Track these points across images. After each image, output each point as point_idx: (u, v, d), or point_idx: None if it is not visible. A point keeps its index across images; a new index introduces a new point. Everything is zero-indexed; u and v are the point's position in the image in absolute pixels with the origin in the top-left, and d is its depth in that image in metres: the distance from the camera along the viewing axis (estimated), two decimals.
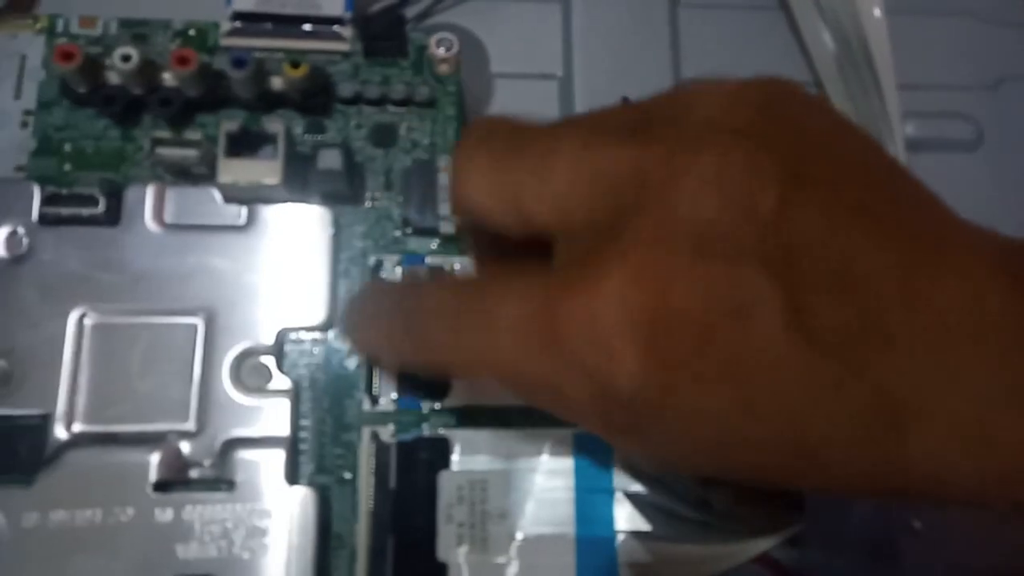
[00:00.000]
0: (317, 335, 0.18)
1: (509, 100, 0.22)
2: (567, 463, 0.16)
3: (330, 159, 0.18)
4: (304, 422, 0.17)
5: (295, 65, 0.18)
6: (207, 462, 0.16)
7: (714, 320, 0.09)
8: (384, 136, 0.19)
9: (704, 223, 0.10)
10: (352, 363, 0.17)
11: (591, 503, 0.16)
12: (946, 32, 0.24)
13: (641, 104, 0.12)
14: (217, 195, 0.18)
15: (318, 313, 0.17)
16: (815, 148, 0.11)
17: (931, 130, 0.23)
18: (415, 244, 0.18)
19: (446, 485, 0.16)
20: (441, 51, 0.20)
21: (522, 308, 0.10)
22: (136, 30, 0.19)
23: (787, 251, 0.10)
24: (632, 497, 0.16)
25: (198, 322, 0.17)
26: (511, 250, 0.12)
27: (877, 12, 0.21)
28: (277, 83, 0.19)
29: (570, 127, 0.11)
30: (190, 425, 0.16)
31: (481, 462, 0.16)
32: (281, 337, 0.17)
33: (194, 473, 0.16)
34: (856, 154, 0.11)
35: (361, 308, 0.15)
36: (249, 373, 0.17)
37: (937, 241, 0.10)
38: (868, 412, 0.10)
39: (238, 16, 0.19)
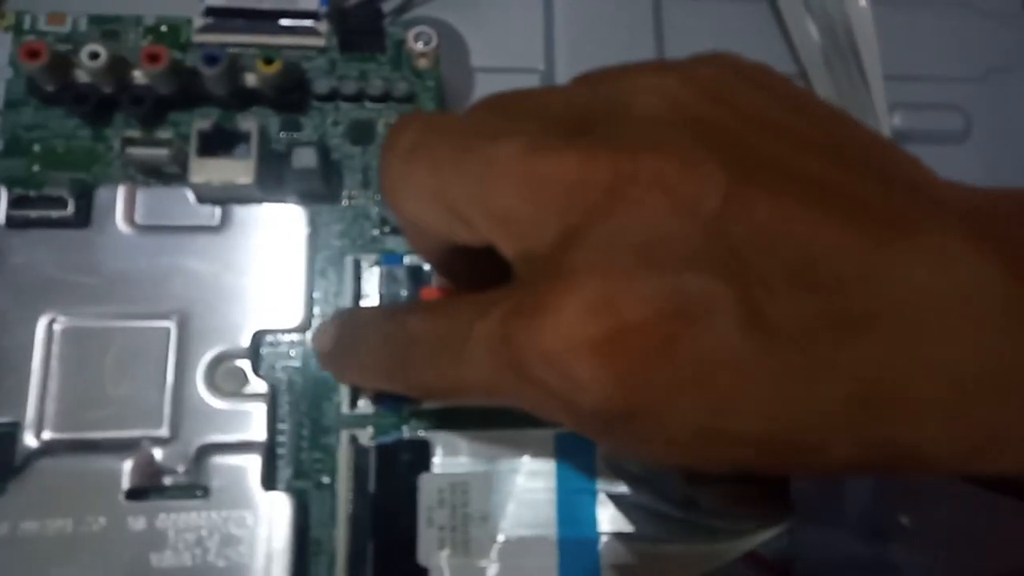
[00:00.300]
0: (294, 337, 0.17)
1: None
2: (549, 464, 0.16)
3: (305, 158, 0.17)
4: (281, 426, 0.17)
5: (268, 61, 0.18)
6: (181, 468, 0.16)
7: (669, 330, 0.09)
8: (361, 133, 0.19)
9: (651, 232, 0.09)
10: None
11: (574, 504, 0.16)
12: (933, 22, 0.24)
13: (585, 90, 0.11)
14: (190, 195, 0.17)
15: (295, 315, 0.17)
16: (766, 130, 0.10)
17: (918, 121, 0.23)
18: (393, 243, 0.18)
19: (426, 488, 0.16)
20: (420, 45, 0.19)
21: (486, 334, 0.10)
22: (106, 26, 0.19)
23: (737, 250, 0.09)
24: (615, 498, 0.16)
25: (171, 325, 0.17)
26: (472, 257, 0.12)
27: (863, 2, 0.21)
28: (251, 80, 0.18)
29: (512, 125, 0.11)
30: (164, 431, 0.16)
31: (462, 464, 0.16)
32: (257, 340, 0.17)
33: (168, 480, 0.16)
34: (812, 128, 0.11)
35: (348, 338, 0.14)
36: (224, 377, 0.17)
37: (903, 215, 0.10)
38: (843, 400, 0.09)
39: (211, 11, 0.19)
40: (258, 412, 0.16)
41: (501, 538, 0.16)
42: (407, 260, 0.18)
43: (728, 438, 0.10)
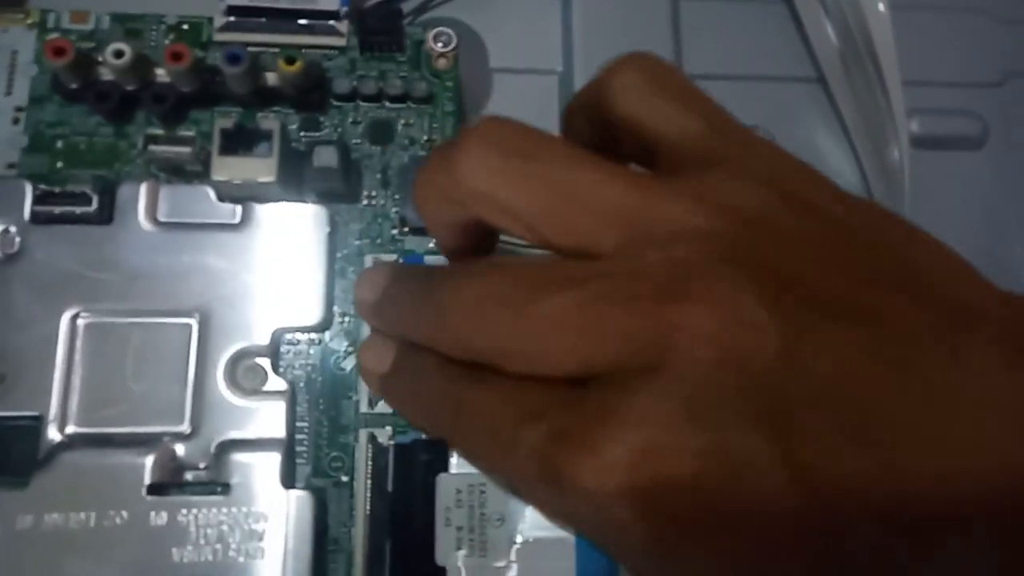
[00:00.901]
0: (313, 336, 0.17)
1: (508, 96, 0.21)
2: None
3: (326, 156, 0.17)
4: (300, 424, 0.17)
5: (290, 61, 0.18)
6: (202, 464, 0.16)
7: (710, 486, 0.09)
8: (381, 133, 0.19)
9: (698, 385, 0.09)
10: (349, 364, 0.17)
11: None
12: (951, 28, 0.24)
13: (621, 226, 0.11)
14: (211, 193, 0.17)
15: (314, 313, 0.17)
16: (817, 264, 0.10)
17: (936, 127, 0.23)
18: (412, 243, 0.18)
19: (444, 488, 0.16)
20: (439, 46, 0.19)
21: (531, 446, 0.10)
22: (128, 25, 0.19)
23: (787, 406, 0.09)
24: None
25: (192, 322, 0.17)
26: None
27: (881, 7, 0.21)
28: (272, 79, 0.18)
29: (561, 285, 0.10)
30: (184, 427, 0.16)
31: None
32: (276, 338, 0.17)
33: (189, 476, 0.16)
34: (860, 249, 0.11)
35: (405, 382, 0.14)
36: (244, 374, 0.17)
37: (954, 351, 0.10)
38: (883, 542, 0.09)
39: (232, 10, 0.19)
40: (277, 410, 0.16)
41: (519, 539, 0.16)
42: (426, 260, 0.18)
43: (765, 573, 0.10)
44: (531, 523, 0.16)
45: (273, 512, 0.16)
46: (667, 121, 0.12)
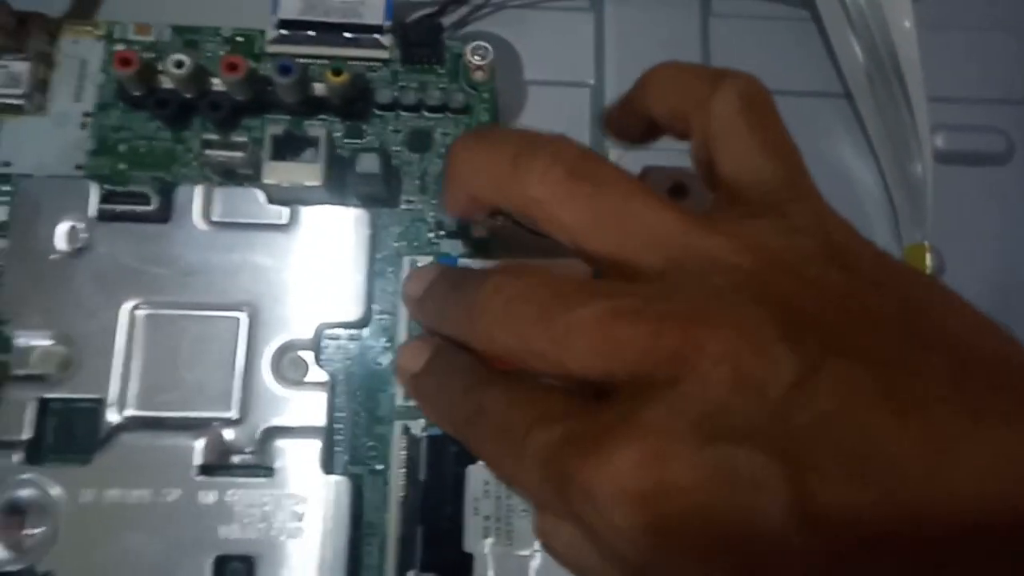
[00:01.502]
0: (353, 331, 0.18)
1: (542, 107, 0.22)
2: None
3: (368, 163, 0.18)
4: (339, 414, 0.18)
5: (337, 72, 0.19)
6: (248, 449, 0.17)
7: (712, 498, 0.10)
8: (420, 141, 0.20)
9: (713, 403, 0.10)
10: (386, 359, 0.18)
11: None
12: (976, 45, 0.24)
13: (661, 252, 0.11)
14: (261, 195, 0.19)
15: (354, 310, 0.18)
16: (844, 313, 0.11)
17: (961, 143, 0.23)
18: (447, 246, 0.19)
19: (473, 479, 0.17)
20: (476, 59, 0.20)
21: (541, 448, 0.11)
22: (187, 37, 0.20)
23: (796, 434, 0.10)
24: None
25: (241, 316, 0.18)
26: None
27: (907, 24, 0.21)
28: (319, 89, 0.19)
29: (593, 295, 0.11)
30: (233, 413, 0.17)
31: None
32: (319, 332, 0.18)
33: (236, 459, 0.17)
34: (892, 307, 0.11)
35: (433, 377, 0.14)
36: (288, 366, 0.18)
37: (973, 409, 0.10)
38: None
39: (283, 24, 0.20)
40: (318, 400, 0.17)
41: None
42: (461, 262, 0.19)
43: None
44: None
45: (313, 495, 0.17)
46: (748, 160, 0.12)
